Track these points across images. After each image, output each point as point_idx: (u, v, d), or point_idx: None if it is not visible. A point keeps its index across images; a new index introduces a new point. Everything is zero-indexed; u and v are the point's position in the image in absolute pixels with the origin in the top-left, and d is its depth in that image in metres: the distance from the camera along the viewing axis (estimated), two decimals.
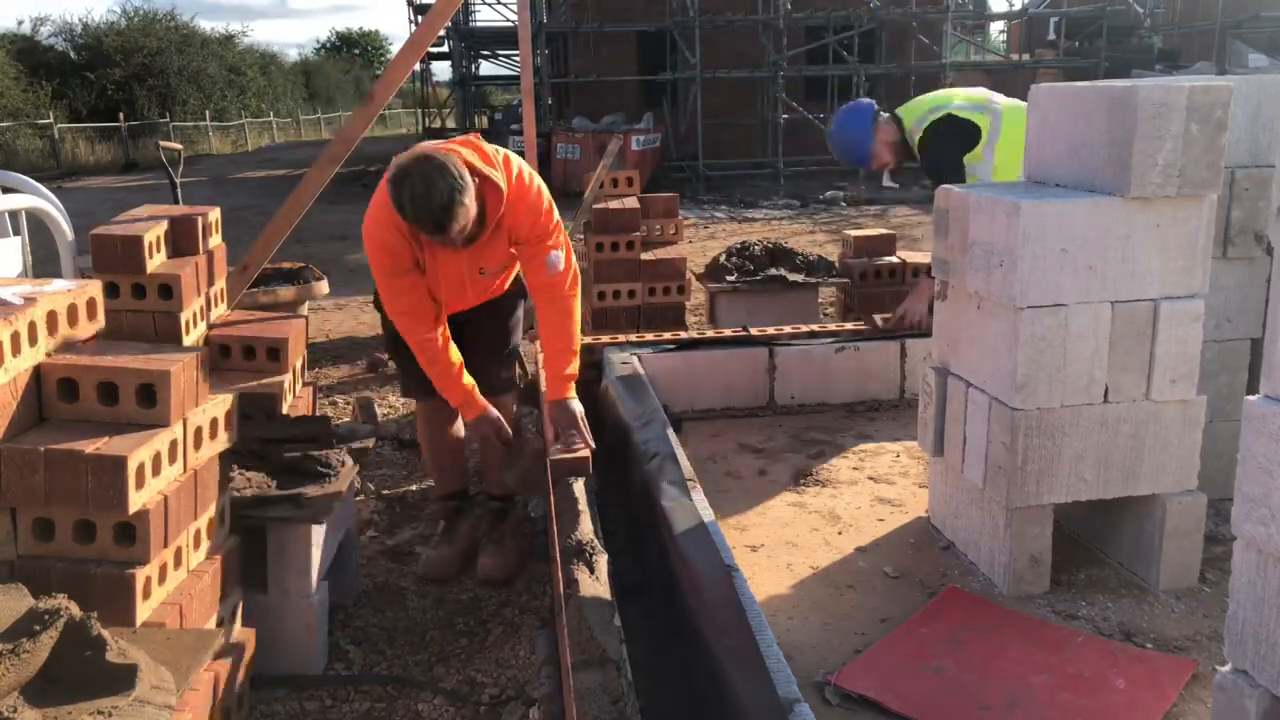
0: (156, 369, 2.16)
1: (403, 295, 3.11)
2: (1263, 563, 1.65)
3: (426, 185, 2.73)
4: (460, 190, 2.75)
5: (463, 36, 22.89)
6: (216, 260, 3.65)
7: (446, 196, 2.73)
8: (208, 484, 2.36)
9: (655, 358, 4.41)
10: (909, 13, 18.56)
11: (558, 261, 3.13)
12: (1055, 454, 2.84)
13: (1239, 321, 3.27)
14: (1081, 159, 2.86)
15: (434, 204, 2.73)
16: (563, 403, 3.17)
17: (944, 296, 3.18)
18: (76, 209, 5.20)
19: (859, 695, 2.44)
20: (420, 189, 2.73)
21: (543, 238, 3.11)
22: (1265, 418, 1.61)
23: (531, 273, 3.20)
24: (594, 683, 2.06)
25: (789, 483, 3.73)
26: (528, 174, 3.10)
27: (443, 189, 2.72)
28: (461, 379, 3.20)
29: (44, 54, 33.38)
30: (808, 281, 5.76)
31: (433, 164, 2.76)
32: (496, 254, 3.16)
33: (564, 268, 3.15)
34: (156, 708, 1.79)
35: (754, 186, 17.10)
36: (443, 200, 2.73)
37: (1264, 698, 1.67)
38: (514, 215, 3.05)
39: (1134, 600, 2.87)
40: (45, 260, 4.28)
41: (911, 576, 3.03)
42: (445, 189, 2.73)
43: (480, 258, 3.14)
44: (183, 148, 6.90)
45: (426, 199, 2.73)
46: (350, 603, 3.24)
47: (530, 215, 3.07)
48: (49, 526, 2.06)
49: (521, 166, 3.10)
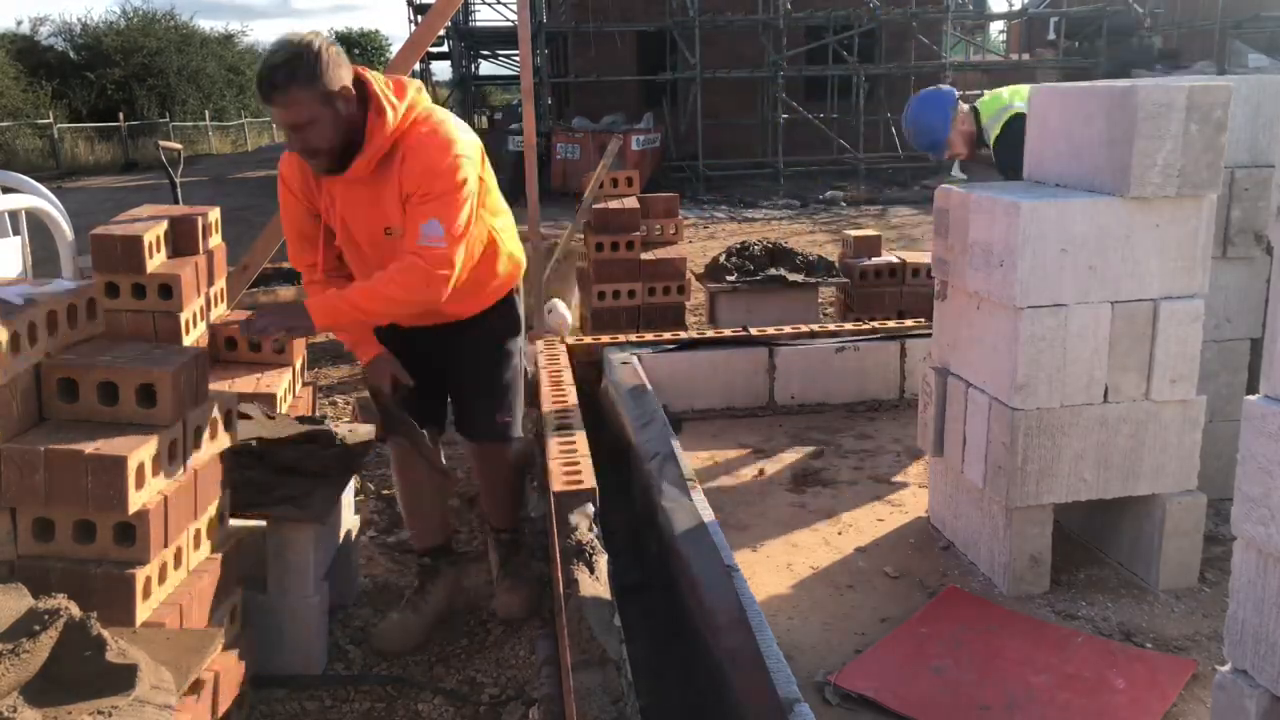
0: (156, 369, 2.16)
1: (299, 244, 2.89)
2: (1263, 563, 1.65)
3: (276, 44, 2.53)
4: (311, 55, 2.47)
5: (463, 36, 22.87)
6: (216, 260, 3.65)
7: (286, 56, 2.47)
8: (208, 484, 2.36)
9: (655, 358, 4.40)
10: (909, 13, 18.55)
11: (436, 233, 2.57)
12: (1055, 454, 2.84)
13: (1239, 321, 3.27)
14: (1081, 159, 2.86)
15: (272, 59, 2.49)
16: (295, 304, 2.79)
17: (944, 296, 3.18)
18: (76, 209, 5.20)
19: (859, 695, 2.44)
20: (272, 49, 2.54)
21: (429, 199, 2.59)
22: (1265, 418, 1.61)
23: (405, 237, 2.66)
24: (594, 683, 2.06)
25: (789, 483, 3.73)
26: (446, 129, 2.67)
27: (289, 52, 2.48)
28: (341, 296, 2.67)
29: (44, 54, 33.38)
30: (808, 281, 5.77)
31: (298, 35, 2.53)
32: (395, 207, 2.68)
33: (444, 248, 2.58)
34: (156, 708, 1.79)
35: (754, 186, 17.10)
36: (280, 58, 2.47)
37: (1264, 698, 1.67)
38: (411, 161, 2.63)
39: (1134, 600, 2.87)
40: (45, 260, 4.28)
41: (911, 576, 3.03)
42: (292, 53, 2.48)
43: (380, 209, 2.69)
44: (182, 147, 6.91)
45: (269, 56, 2.51)
46: (350, 603, 3.24)
47: (424, 170, 2.61)
48: (49, 526, 2.06)
49: (445, 128, 2.67)
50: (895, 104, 19.64)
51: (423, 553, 3.18)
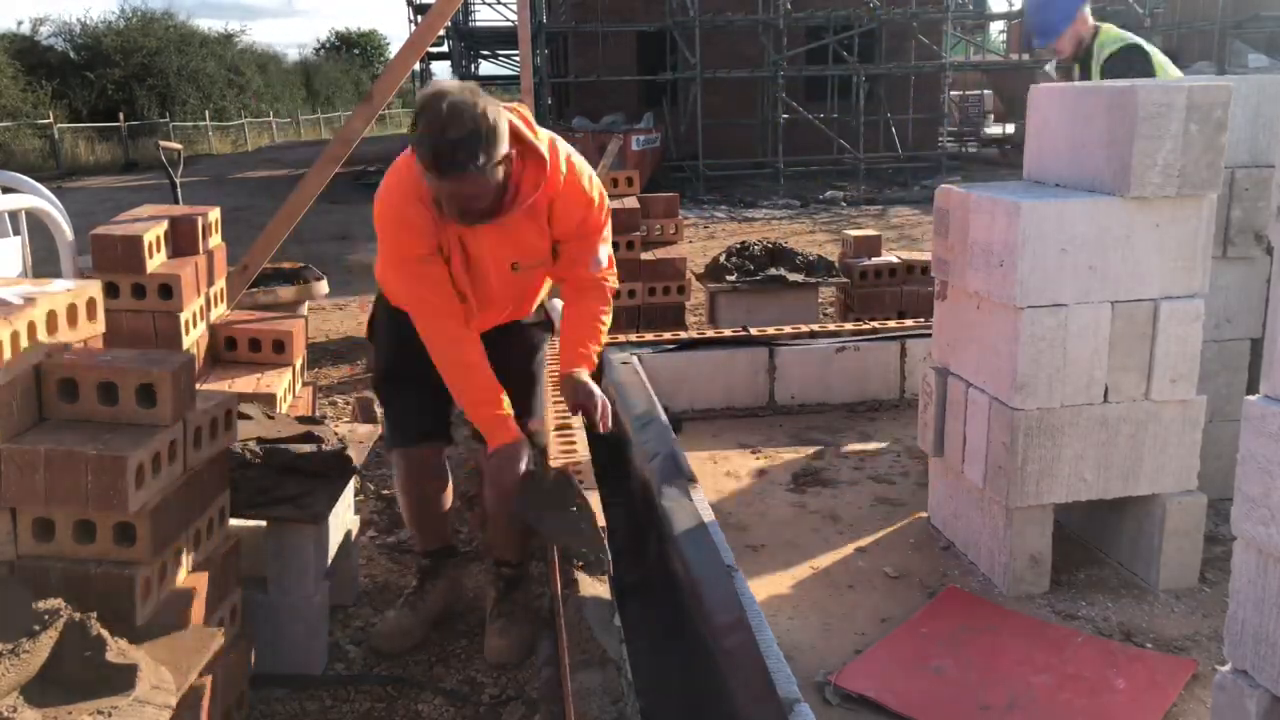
0: (156, 369, 2.16)
1: (424, 281, 2.64)
2: (1263, 563, 1.65)
3: (451, 114, 2.31)
4: (489, 129, 2.34)
5: (463, 36, 22.88)
6: (216, 260, 3.65)
7: (469, 127, 2.31)
8: (208, 484, 2.35)
9: (655, 358, 4.41)
10: (909, 13, 18.56)
11: (604, 258, 2.79)
12: (1055, 454, 2.84)
13: (1239, 321, 3.27)
14: (1081, 159, 2.86)
15: (451, 133, 2.30)
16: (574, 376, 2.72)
17: (944, 296, 3.18)
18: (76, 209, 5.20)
19: (859, 695, 2.44)
20: (441, 118, 2.32)
21: (591, 231, 2.74)
22: (1265, 418, 1.61)
23: (571, 269, 2.78)
24: (594, 683, 2.06)
25: (789, 483, 3.73)
26: (580, 163, 2.71)
27: (467, 120, 2.31)
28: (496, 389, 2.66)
29: (44, 54, 33.39)
30: (808, 281, 5.77)
31: (461, 97, 2.35)
32: (531, 243, 2.69)
33: (608, 266, 2.82)
34: (156, 708, 1.79)
35: (754, 186, 17.10)
36: (463, 131, 2.31)
37: (1264, 698, 1.67)
38: (564, 202, 2.65)
39: (1134, 600, 2.87)
40: (45, 260, 4.27)
41: (911, 576, 3.03)
42: (470, 120, 2.31)
43: (511, 244, 2.66)
44: (182, 148, 6.91)
45: (444, 128, 2.31)
46: (350, 603, 3.24)
47: (583, 205, 2.69)
48: (49, 526, 2.06)
49: (571, 153, 2.70)
50: (895, 104, 19.70)
51: (424, 554, 3.11)
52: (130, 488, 1.99)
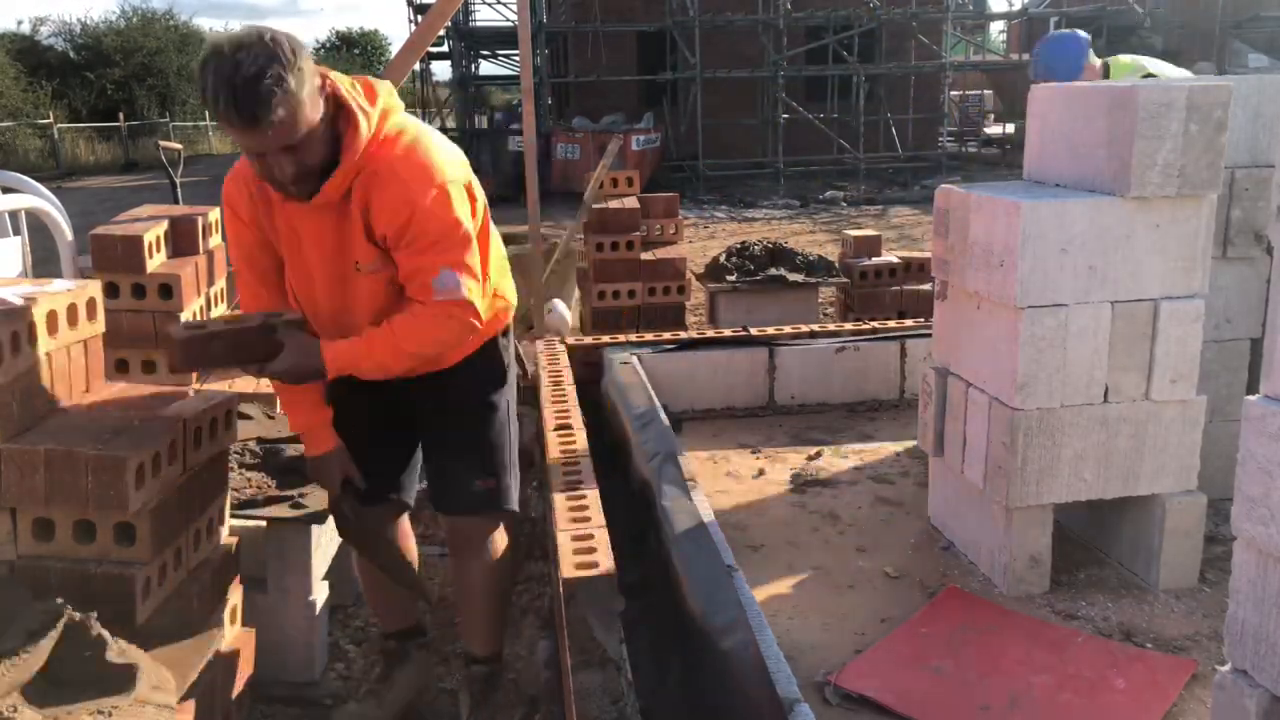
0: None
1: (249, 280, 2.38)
2: (1263, 563, 1.65)
3: (237, 48, 1.94)
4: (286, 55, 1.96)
5: (462, 36, 22.86)
6: (216, 260, 3.65)
7: (263, 59, 1.93)
8: (208, 484, 2.35)
9: (655, 358, 4.41)
10: (909, 13, 18.57)
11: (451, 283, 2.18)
12: (1055, 454, 2.84)
13: (1239, 321, 3.27)
14: (1081, 159, 2.86)
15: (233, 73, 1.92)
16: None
17: (944, 296, 3.18)
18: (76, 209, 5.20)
19: (859, 695, 2.43)
20: (228, 56, 1.94)
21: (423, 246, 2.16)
22: (1265, 418, 1.61)
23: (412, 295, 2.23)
24: (594, 683, 2.06)
25: (789, 483, 3.73)
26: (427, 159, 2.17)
27: (259, 52, 1.94)
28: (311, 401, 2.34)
29: (44, 54, 33.38)
30: (808, 281, 5.78)
31: (250, 31, 1.98)
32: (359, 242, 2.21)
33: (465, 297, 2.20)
34: (156, 708, 1.79)
35: (754, 186, 17.11)
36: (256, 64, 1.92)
37: (1264, 698, 1.67)
38: (381, 194, 2.14)
39: (1134, 600, 2.87)
40: (45, 260, 4.27)
41: (911, 576, 3.02)
42: (262, 51, 1.94)
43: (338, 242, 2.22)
44: (182, 147, 6.91)
45: (233, 64, 1.93)
46: (350, 603, 3.24)
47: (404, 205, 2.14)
48: (49, 526, 2.06)
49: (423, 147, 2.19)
50: (895, 104, 19.71)
51: (393, 635, 2.71)
52: (130, 488, 1.99)
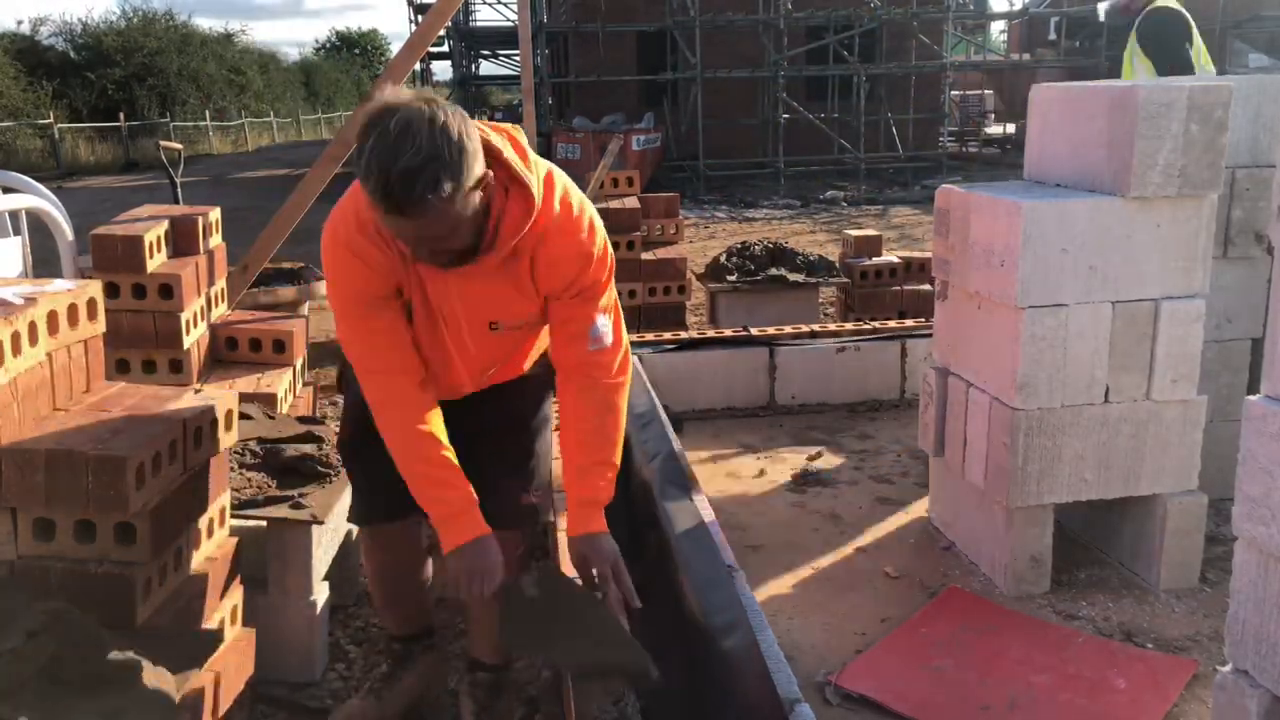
0: None
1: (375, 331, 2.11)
2: (1263, 563, 1.65)
3: (401, 135, 1.75)
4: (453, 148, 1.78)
5: (463, 36, 22.88)
6: (217, 260, 3.65)
7: (427, 150, 1.75)
8: (208, 484, 2.35)
9: (655, 358, 4.41)
10: (910, 13, 18.56)
11: (604, 333, 2.15)
12: (1056, 454, 2.84)
13: (1239, 321, 3.27)
14: (1082, 159, 2.86)
15: (404, 160, 1.74)
16: (592, 539, 2.15)
17: (944, 296, 3.18)
18: (76, 209, 5.20)
19: (860, 695, 2.44)
20: (389, 141, 1.75)
21: (590, 295, 2.12)
22: (1265, 418, 1.61)
23: (563, 343, 2.18)
24: (594, 683, 2.06)
25: (789, 483, 3.73)
26: (578, 203, 2.11)
27: (422, 143, 1.75)
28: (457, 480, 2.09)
29: (44, 54, 33.36)
30: (808, 281, 5.78)
31: (414, 110, 1.78)
32: (516, 300, 2.13)
33: (612, 342, 2.16)
34: (156, 708, 1.79)
35: (754, 186, 17.10)
36: (419, 157, 1.74)
37: (1264, 698, 1.67)
38: (551, 249, 2.06)
39: (1134, 600, 2.87)
40: (45, 260, 4.27)
41: (912, 576, 3.02)
42: (427, 141, 1.75)
43: (485, 298, 2.11)
44: (183, 147, 6.91)
45: (395, 154, 1.74)
46: (350, 603, 3.24)
47: (577, 258, 2.09)
48: (49, 526, 2.06)
49: (570, 190, 2.11)
50: (896, 104, 19.71)
51: (401, 638, 2.61)
52: (130, 488, 1.99)
